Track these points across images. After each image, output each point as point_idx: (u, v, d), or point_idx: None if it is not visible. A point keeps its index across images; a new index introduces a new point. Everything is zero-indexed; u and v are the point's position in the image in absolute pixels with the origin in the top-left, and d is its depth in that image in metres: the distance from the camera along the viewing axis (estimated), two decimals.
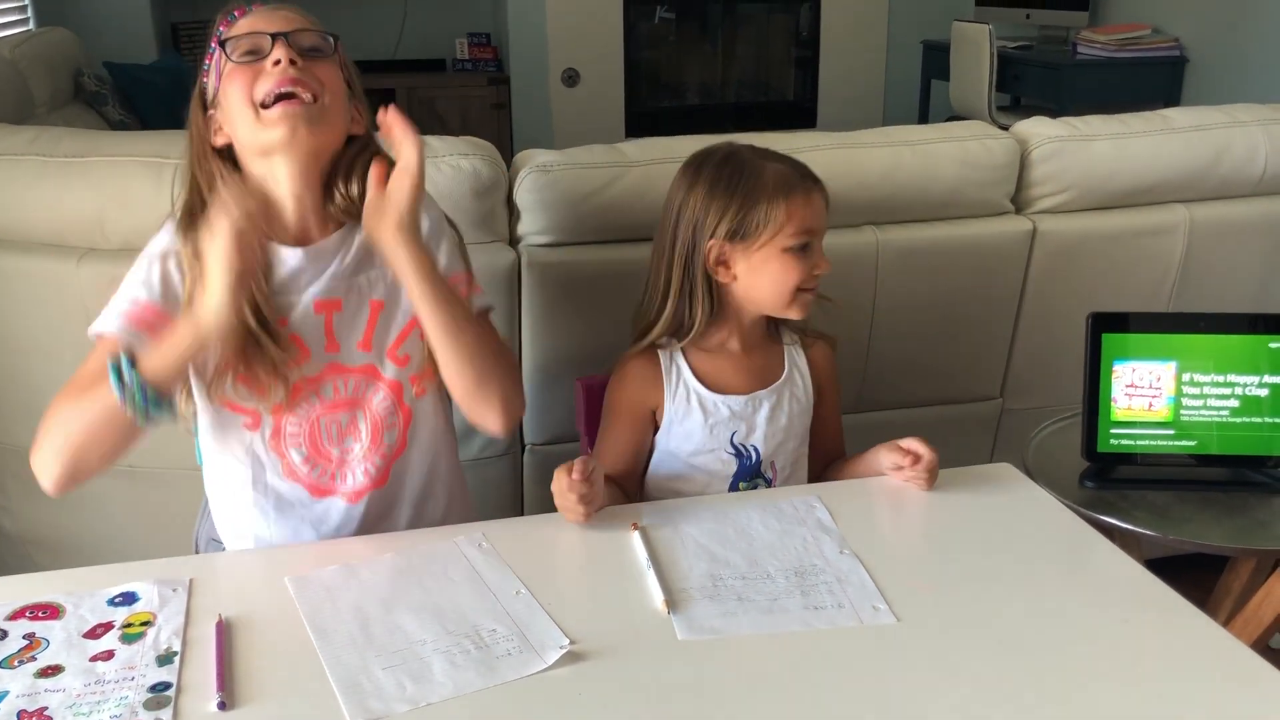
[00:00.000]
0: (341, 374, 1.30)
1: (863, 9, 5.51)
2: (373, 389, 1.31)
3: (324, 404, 1.30)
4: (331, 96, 1.24)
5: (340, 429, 1.31)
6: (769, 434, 1.43)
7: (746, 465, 1.42)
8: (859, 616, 1.06)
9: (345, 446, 1.32)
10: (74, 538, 1.91)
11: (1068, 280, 1.95)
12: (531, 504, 1.91)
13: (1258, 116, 2.01)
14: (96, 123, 3.56)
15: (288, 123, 1.20)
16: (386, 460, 1.33)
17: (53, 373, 1.75)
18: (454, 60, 5.40)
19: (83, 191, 1.66)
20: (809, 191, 1.38)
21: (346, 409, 1.31)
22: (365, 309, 1.30)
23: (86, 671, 0.98)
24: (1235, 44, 4.17)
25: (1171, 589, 1.10)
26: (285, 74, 1.20)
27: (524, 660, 0.99)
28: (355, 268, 1.30)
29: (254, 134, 1.22)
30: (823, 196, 1.40)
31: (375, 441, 1.32)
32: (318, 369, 1.29)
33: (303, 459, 1.31)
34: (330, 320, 1.29)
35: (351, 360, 1.30)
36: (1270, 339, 1.47)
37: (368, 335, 1.30)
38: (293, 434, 1.30)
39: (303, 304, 1.27)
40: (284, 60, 1.20)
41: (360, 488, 1.33)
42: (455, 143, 1.73)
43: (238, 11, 1.27)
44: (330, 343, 1.29)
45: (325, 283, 1.28)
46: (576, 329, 1.78)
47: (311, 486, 1.32)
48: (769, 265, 1.37)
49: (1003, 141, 1.92)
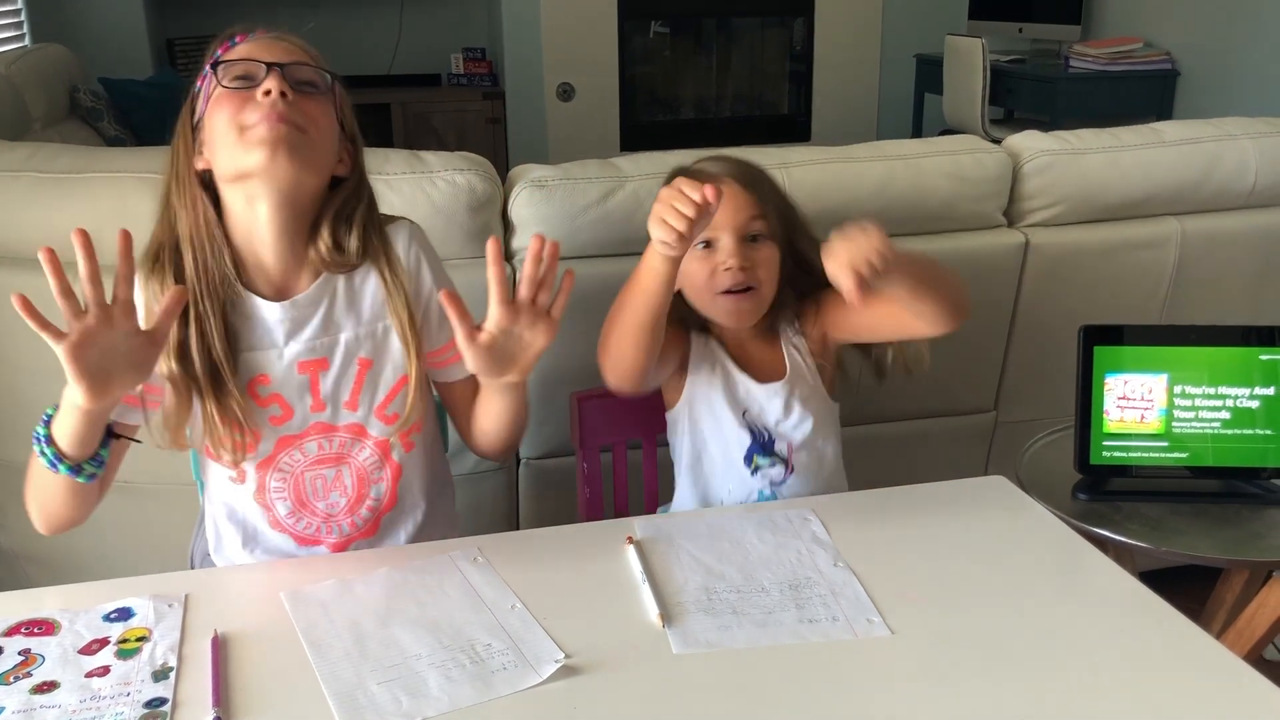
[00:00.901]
0: (327, 433, 1.29)
1: (856, 23, 5.54)
2: (358, 446, 1.31)
3: (308, 460, 1.30)
4: (318, 133, 1.19)
5: (325, 484, 1.31)
6: (781, 421, 1.44)
7: (760, 442, 1.43)
8: (853, 629, 1.07)
9: (331, 501, 1.32)
10: (69, 553, 1.90)
11: (1060, 293, 1.96)
12: (527, 518, 1.91)
13: (1248, 130, 2.02)
14: (92, 138, 3.57)
15: (269, 147, 1.14)
16: (374, 514, 1.34)
17: (48, 390, 1.74)
18: (449, 75, 5.42)
19: (78, 208, 1.66)
20: (699, 175, 1.36)
21: (331, 464, 1.31)
22: (353, 367, 1.28)
23: (82, 688, 0.98)
24: (1226, 57, 4.20)
25: (1165, 601, 1.10)
26: (274, 108, 1.15)
27: (519, 674, 0.99)
28: (339, 323, 1.27)
29: (234, 157, 1.17)
30: (736, 190, 1.36)
31: (360, 496, 1.33)
32: (301, 427, 1.28)
33: (288, 512, 1.31)
34: (315, 379, 1.27)
35: (338, 419, 1.29)
36: (1261, 351, 1.48)
37: (354, 395, 1.29)
38: (277, 489, 1.30)
39: (285, 362, 1.25)
40: (275, 92, 1.16)
41: (346, 539, 1.34)
42: (450, 158, 1.74)
43: (239, 37, 1.24)
44: (316, 402, 1.28)
45: (308, 340, 1.25)
46: (572, 343, 1.77)
47: (298, 537, 1.33)
48: (688, 267, 1.37)
49: (995, 155, 1.93)
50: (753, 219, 1.37)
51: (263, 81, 1.17)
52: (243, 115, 1.16)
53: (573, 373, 1.73)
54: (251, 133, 1.16)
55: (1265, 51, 4.01)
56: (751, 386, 1.43)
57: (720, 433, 1.44)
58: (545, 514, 1.92)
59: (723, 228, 1.36)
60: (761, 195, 1.39)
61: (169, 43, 4.93)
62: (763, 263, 1.38)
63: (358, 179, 1.28)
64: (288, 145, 1.15)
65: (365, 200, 1.28)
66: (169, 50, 4.93)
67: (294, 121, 1.16)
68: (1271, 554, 1.43)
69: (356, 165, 1.28)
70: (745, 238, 1.37)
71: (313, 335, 1.26)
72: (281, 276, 1.25)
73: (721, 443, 1.45)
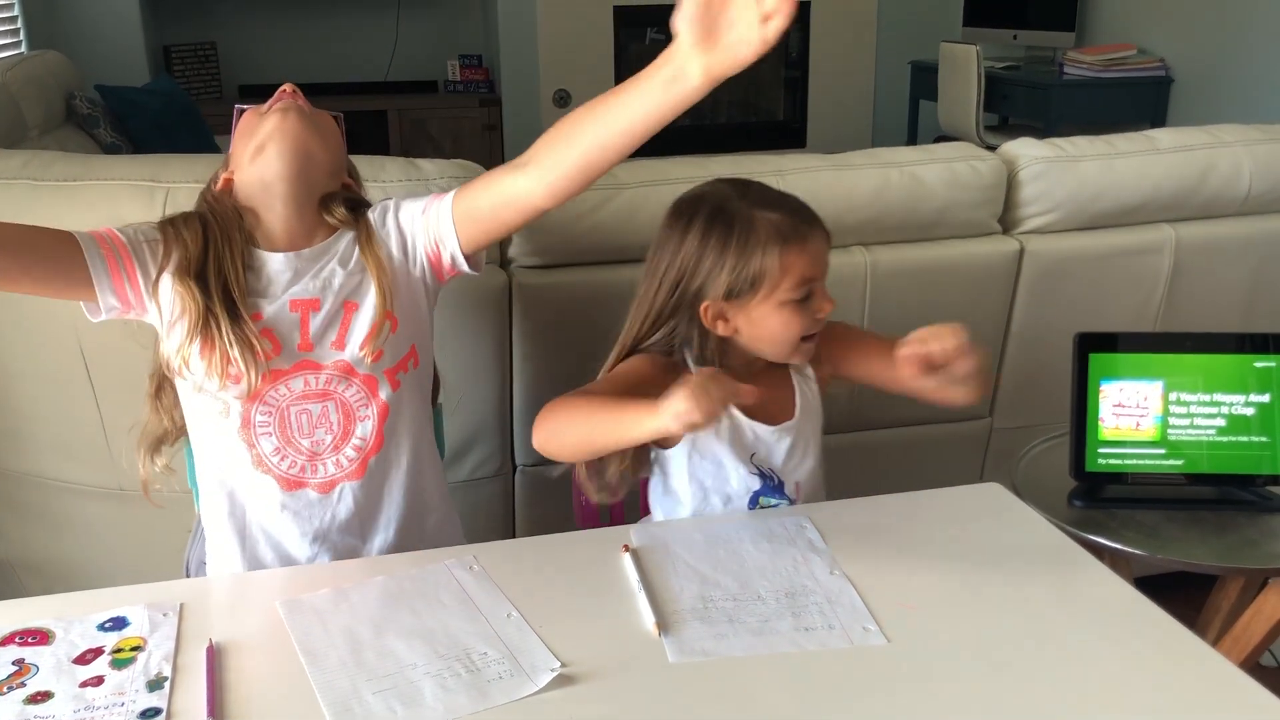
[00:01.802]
0: (314, 370, 1.32)
1: (851, 30, 5.55)
2: (345, 383, 1.33)
3: (293, 395, 1.32)
4: (325, 120, 1.36)
5: (311, 419, 1.32)
6: (787, 463, 1.41)
7: (769, 485, 1.41)
8: (849, 638, 1.06)
9: (316, 438, 1.33)
10: (64, 561, 1.90)
11: (1055, 300, 1.96)
12: (523, 526, 1.91)
13: (1242, 137, 2.03)
14: (89, 145, 3.56)
15: (280, 113, 1.30)
16: (360, 454, 1.34)
17: (41, 398, 1.75)
18: (446, 82, 5.42)
19: (74, 216, 1.66)
20: (804, 239, 1.32)
21: (317, 399, 1.32)
22: (341, 310, 1.33)
23: (76, 698, 0.98)
24: (1220, 64, 4.21)
25: (1161, 609, 1.10)
26: (283, 94, 1.34)
27: (515, 683, 0.99)
28: (334, 268, 1.33)
29: (251, 141, 1.30)
30: (822, 238, 1.34)
31: (346, 433, 1.33)
32: (289, 364, 1.31)
33: (273, 449, 1.32)
34: (306, 318, 1.31)
35: (325, 358, 1.32)
36: (1256, 358, 1.48)
37: (341, 335, 1.32)
38: (262, 423, 1.31)
39: (279, 301, 1.31)
40: (287, 90, 1.34)
41: (332, 478, 1.34)
42: (446, 165, 1.74)
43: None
44: (304, 341, 1.31)
45: (304, 282, 1.32)
46: (568, 351, 1.78)
47: (282, 479, 1.33)
48: (768, 320, 1.32)
49: (989, 162, 1.93)
50: (825, 271, 1.35)
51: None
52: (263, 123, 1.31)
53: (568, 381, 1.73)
54: (266, 117, 1.32)
55: (1259, 58, 4.02)
56: (760, 430, 1.39)
57: (724, 480, 1.38)
58: (541, 521, 1.92)
59: (819, 276, 1.34)
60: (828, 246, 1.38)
61: (166, 49, 4.94)
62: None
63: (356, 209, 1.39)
64: (297, 111, 1.32)
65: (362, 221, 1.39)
66: (166, 57, 4.94)
67: (302, 106, 1.34)
68: (1267, 561, 1.43)
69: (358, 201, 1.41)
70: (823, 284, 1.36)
71: (310, 278, 1.33)
72: (288, 240, 1.33)
73: (723, 491, 1.40)
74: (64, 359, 1.66)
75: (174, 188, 1.62)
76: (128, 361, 1.51)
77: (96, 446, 1.74)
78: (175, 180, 1.63)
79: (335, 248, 1.34)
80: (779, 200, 1.36)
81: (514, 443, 1.83)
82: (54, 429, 1.77)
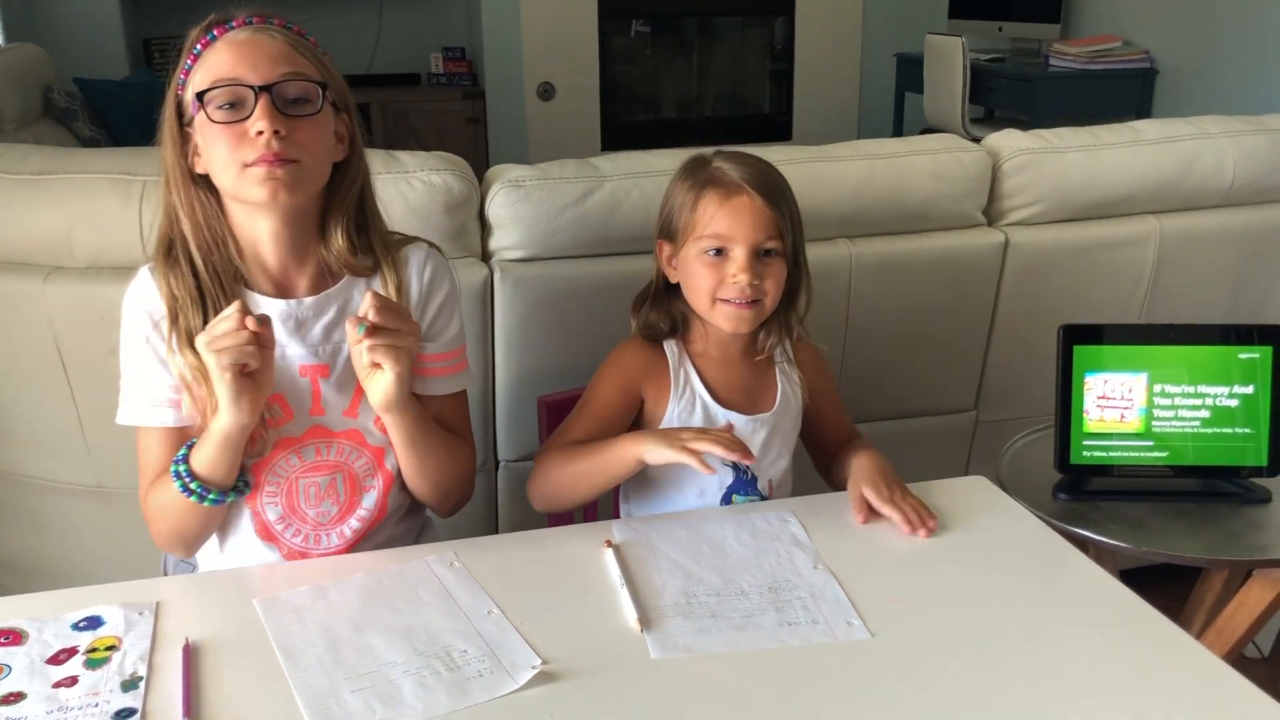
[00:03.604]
0: (325, 437, 1.28)
1: (837, 22, 5.54)
2: (356, 454, 1.30)
3: (304, 464, 1.28)
4: (314, 159, 1.19)
5: (319, 491, 1.29)
6: (762, 456, 1.41)
7: (742, 479, 1.41)
8: (833, 632, 1.06)
9: (323, 509, 1.30)
10: (42, 559, 1.88)
11: (1040, 292, 1.96)
12: (505, 522, 1.90)
13: (1225, 128, 2.03)
14: (67, 139, 3.54)
15: (268, 190, 1.16)
16: (364, 525, 1.32)
17: (18, 393, 1.73)
18: (429, 74, 5.39)
19: (49, 209, 1.64)
20: (728, 195, 1.33)
21: (327, 472, 1.29)
22: (354, 377, 1.26)
23: (49, 698, 0.96)
24: (1205, 56, 4.21)
25: (1145, 602, 1.10)
26: (268, 147, 1.14)
27: (495, 681, 0.98)
28: (342, 331, 1.26)
29: (234, 186, 1.18)
30: (753, 205, 1.32)
31: (352, 505, 1.31)
32: (301, 430, 1.27)
33: (278, 518, 1.29)
34: (316, 384, 1.27)
35: (336, 425, 1.28)
36: (1240, 350, 1.48)
37: (354, 403, 1.28)
38: (270, 493, 1.28)
39: (286, 362, 1.25)
40: (267, 132, 1.14)
41: (332, 549, 1.31)
42: (427, 158, 1.72)
43: (217, 30, 1.20)
44: (316, 406, 1.27)
45: (312, 345, 1.26)
46: (549, 344, 1.77)
47: (285, 550, 1.30)
48: (688, 267, 1.37)
49: (974, 154, 1.93)
50: (769, 237, 1.33)
51: (253, 110, 1.15)
52: (240, 152, 1.16)
53: (550, 374, 1.72)
54: (250, 172, 1.16)
55: (1243, 50, 4.03)
56: (735, 420, 1.39)
57: (698, 474, 1.35)
58: (525, 517, 1.90)
59: (738, 239, 1.32)
60: (781, 211, 1.34)
61: (145, 42, 4.89)
62: (771, 277, 1.34)
63: (356, 156, 1.28)
64: (287, 185, 1.16)
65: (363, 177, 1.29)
66: (145, 50, 4.89)
67: (290, 158, 1.16)
68: (1251, 553, 1.43)
69: (353, 139, 1.27)
70: (759, 252, 1.33)
71: (316, 341, 1.26)
72: (281, 274, 1.26)
73: (696, 484, 1.40)
74: (41, 357, 1.64)
75: (150, 181, 1.60)
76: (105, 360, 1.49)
77: (74, 444, 1.72)
78: (152, 174, 1.60)
79: (346, 299, 1.27)
80: (745, 161, 1.38)
81: (496, 438, 1.82)
82: (31, 426, 1.75)
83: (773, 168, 1.40)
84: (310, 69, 1.20)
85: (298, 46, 1.21)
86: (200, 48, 1.20)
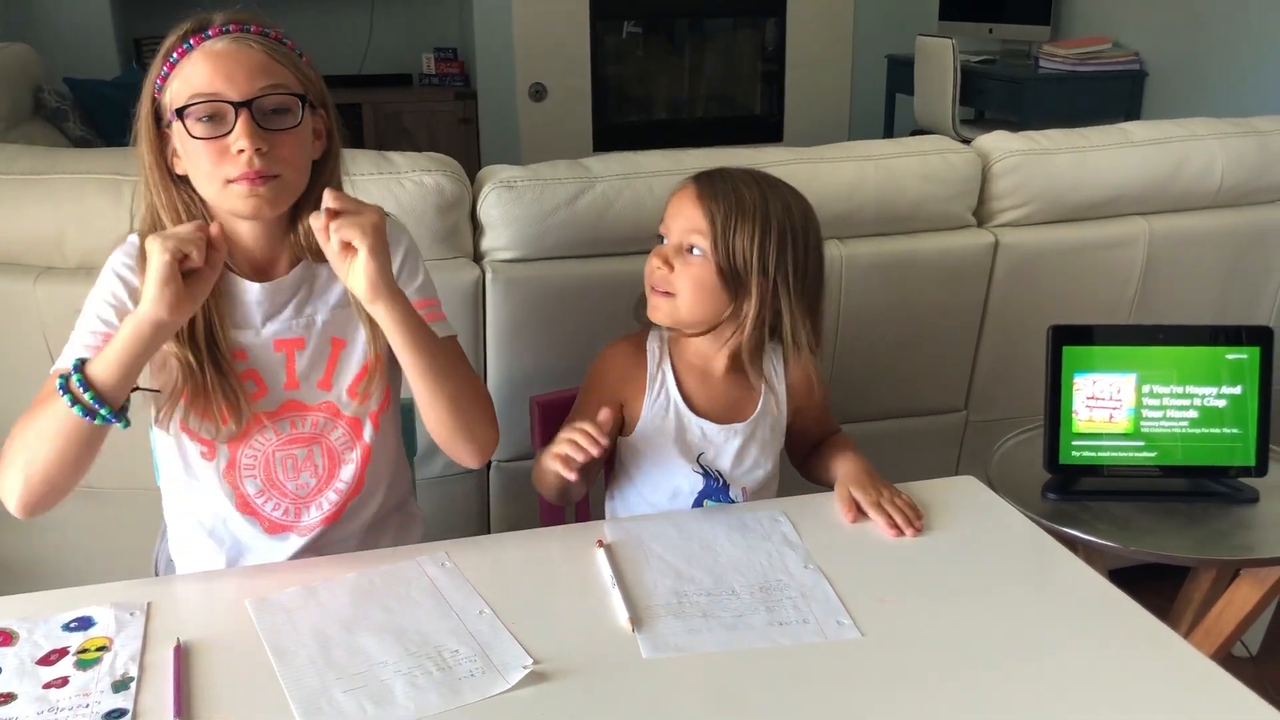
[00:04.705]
0: (300, 411, 1.29)
1: (828, 24, 5.55)
2: (331, 425, 1.31)
3: (280, 438, 1.29)
4: (294, 171, 1.19)
5: (296, 463, 1.30)
6: (735, 465, 1.42)
7: (713, 486, 1.42)
8: (824, 632, 1.06)
9: (301, 481, 1.31)
10: (31, 560, 1.88)
11: (1030, 293, 1.97)
12: (497, 522, 1.90)
13: (1215, 130, 2.04)
14: (57, 139, 3.52)
15: (251, 206, 1.17)
16: (343, 497, 1.32)
17: (10, 392, 1.72)
18: (421, 75, 5.39)
19: (40, 209, 1.64)
20: (677, 190, 1.39)
21: (304, 444, 1.30)
22: (328, 347, 1.29)
23: (39, 699, 0.96)
24: (1194, 58, 4.23)
25: (1134, 601, 1.11)
26: (250, 166, 1.14)
27: (487, 681, 0.98)
28: (316, 305, 1.28)
29: (219, 200, 1.18)
30: (687, 198, 1.35)
31: (330, 477, 1.32)
32: (275, 404, 1.28)
33: (257, 491, 1.30)
34: (292, 358, 1.28)
35: (311, 398, 1.29)
36: (1228, 350, 1.49)
37: (328, 374, 1.29)
38: (248, 466, 1.29)
39: (261, 340, 1.26)
40: (248, 151, 1.14)
41: (314, 523, 1.32)
42: (418, 159, 1.72)
43: (194, 40, 1.18)
44: (290, 380, 1.28)
45: (285, 320, 1.27)
46: (541, 344, 1.77)
47: (267, 523, 1.31)
48: None
49: (964, 155, 1.94)
50: (694, 231, 1.34)
51: (233, 126, 1.14)
52: (221, 168, 1.16)
53: (542, 375, 1.72)
54: (233, 188, 1.16)
55: (1232, 52, 4.04)
56: (707, 428, 1.41)
57: (670, 476, 1.41)
58: (517, 517, 1.90)
59: (672, 231, 1.37)
60: (714, 215, 1.33)
61: (136, 42, 4.88)
62: (688, 276, 1.34)
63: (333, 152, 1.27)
64: (269, 201, 1.17)
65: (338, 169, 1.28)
66: (136, 50, 4.88)
67: (272, 174, 1.16)
68: (1238, 552, 1.44)
69: (330, 133, 1.27)
70: (684, 247, 1.35)
71: (289, 316, 1.27)
72: (263, 258, 1.26)
73: (670, 487, 1.42)
74: (31, 357, 1.64)
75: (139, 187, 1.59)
76: None
77: None
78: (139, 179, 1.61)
79: (313, 278, 1.28)
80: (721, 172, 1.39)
81: None
82: None
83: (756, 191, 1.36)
84: (289, 79, 1.19)
85: (276, 55, 1.19)
86: (177, 56, 1.19)
